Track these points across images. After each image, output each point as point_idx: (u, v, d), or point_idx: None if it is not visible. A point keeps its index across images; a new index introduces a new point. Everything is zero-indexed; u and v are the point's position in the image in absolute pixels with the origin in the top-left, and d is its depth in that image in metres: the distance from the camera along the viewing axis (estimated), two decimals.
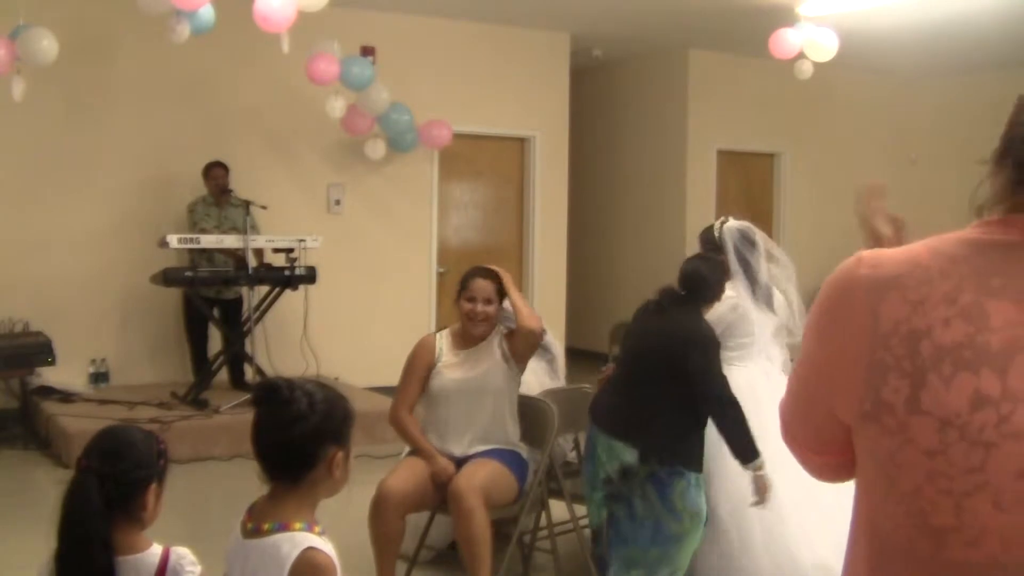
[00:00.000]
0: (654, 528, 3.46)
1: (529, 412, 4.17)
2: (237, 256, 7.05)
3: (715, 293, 3.75)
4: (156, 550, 2.14)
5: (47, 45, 6.23)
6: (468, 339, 4.09)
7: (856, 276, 1.17)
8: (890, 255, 1.18)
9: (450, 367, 4.06)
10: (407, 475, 3.89)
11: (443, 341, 4.12)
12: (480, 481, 3.80)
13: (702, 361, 3.51)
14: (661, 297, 3.70)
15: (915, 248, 1.18)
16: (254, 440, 2.05)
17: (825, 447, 1.27)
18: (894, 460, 1.12)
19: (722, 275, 3.84)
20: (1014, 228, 1.14)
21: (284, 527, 1.98)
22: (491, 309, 4.02)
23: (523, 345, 4.09)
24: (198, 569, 2.15)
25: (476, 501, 3.72)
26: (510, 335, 4.12)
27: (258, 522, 2.01)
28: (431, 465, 3.91)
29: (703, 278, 3.70)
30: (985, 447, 1.07)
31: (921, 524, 1.12)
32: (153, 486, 2.12)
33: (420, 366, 4.08)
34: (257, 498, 2.08)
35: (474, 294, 4.02)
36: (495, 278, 4.07)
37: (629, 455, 3.47)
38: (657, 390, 3.54)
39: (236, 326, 7.27)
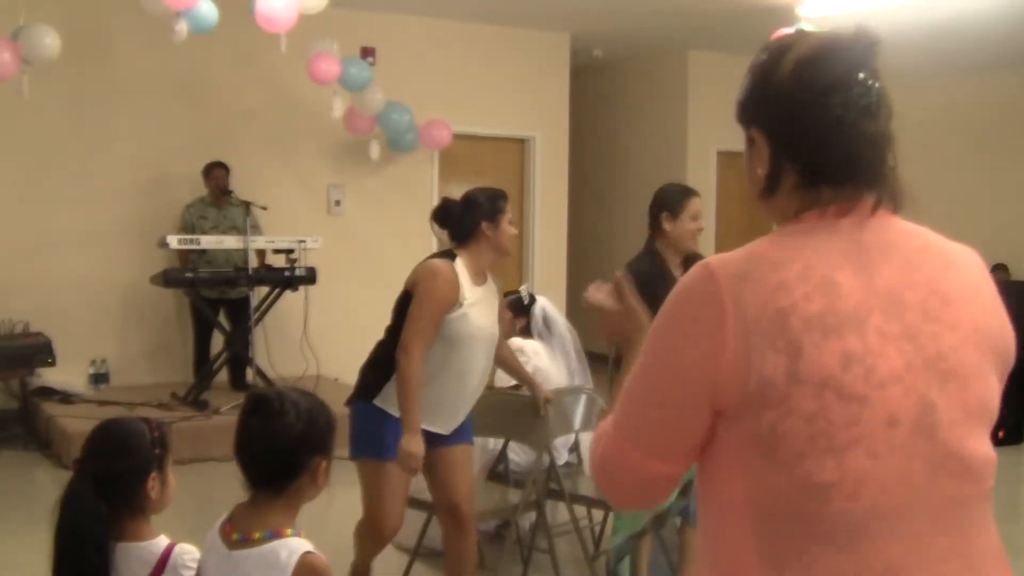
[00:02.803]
0: None
1: (523, 409, 4.15)
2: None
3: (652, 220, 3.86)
4: (162, 541, 2.17)
5: (50, 42, 6.23)
6: (480, 274, 3.53)
7: (713, 277, 1.26)
8: (732, 256, 1.28)
9: (473, 308, 3.42)
10: (400, 503, 3.50)
11: (461, 274, 3.44)
12: (472, 491, 3.67)
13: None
14: None
15: (751, 247, 1.30)
16: (240, 449, 2.06)
17: (677, 453, 1.31)
18: (776, 432, 1.21)
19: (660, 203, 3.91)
20: (824, 217, 1.29)
21: (276, 534, 1.99)
22: None
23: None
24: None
25: (472, 518, 3.59)
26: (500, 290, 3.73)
27: (245, 531, 2.01)
28: (408, 443, 3.25)
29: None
30: (859, 401, 1.19)
31: (805, 485, 1.20)
32: (152, 475, 2.14)
33: (448, 300, 3.37)
34: (232, 509, 2.08)
35: (511, 216, 3.62)
36: None
37: None
38: None
39: (241, 325, 7.26)
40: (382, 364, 3.45)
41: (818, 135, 1.30)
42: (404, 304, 3.43)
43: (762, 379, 1.20)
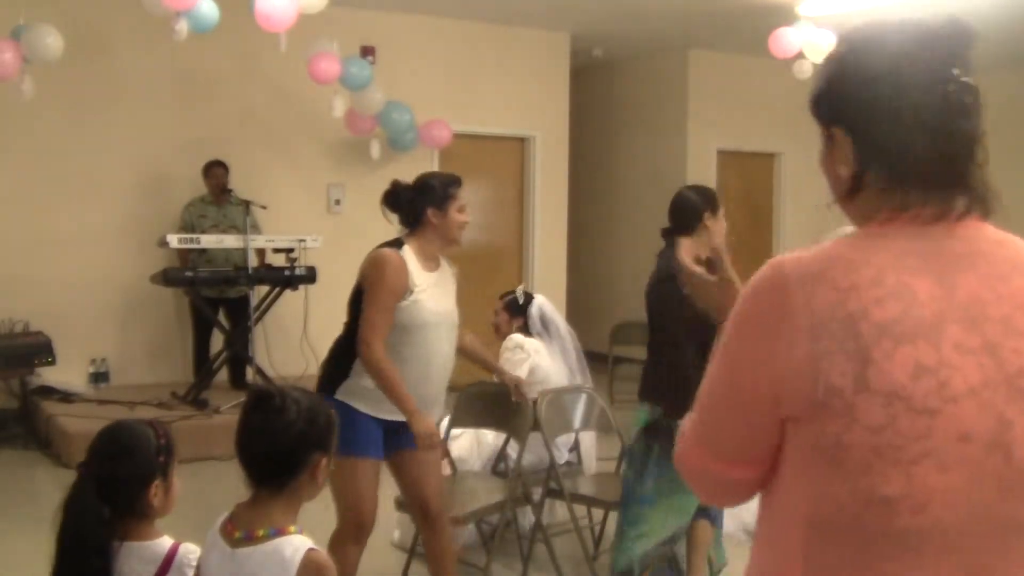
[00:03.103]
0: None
1: (498, 398, 4.17)
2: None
3: (692, 220, 3.72)
4: (166, 541, 2.18)
5: (52, 42, 6.24)
6: (431, 260, 3.48)
7: (784, 276, 1.22)
8: (807, 256, 1.24)
9: (425, 293, 3.39)
10: (375, 496, 3.41)
11: (410, 260, 3.40)
12: (441, 488, 3.64)
13: (653, 301, 3.62)
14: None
15: (825, 247, 1.25)
16: (241, 446, 2.07)
17: (748, 458, 1.29)
18: (841, 442, 1.17)
19: (705, 201, 3.81)
20: (910, 222, 1.23)
21: (280, 532, 2.00)
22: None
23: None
24: None
25: (444, 514, 3.57)
26: (457, 275, 3.67)
27: (248, 529, 2.01)
28: (415, 425, 3.23)
29: (681, 204, 3.79)
30: (930, 414, 1.14)
31: (869, 498, 1.16)
32: (156, 482, 2.15)
33: (398, 288, 3.31)
34: (234, 507, 2.08)
35: (463, 203, 3.50)
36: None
37: (644, 414, 3.64)
38: (655, 341, 3.68)
39: (241, 325, 7.26)
40: (340, 359, 3.45)
41: (908, 136, 1.23)
42: (358, 298, 3.42)
43: (829, 386, 1.16)
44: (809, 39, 7.63)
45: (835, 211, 1.33)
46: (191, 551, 2.17)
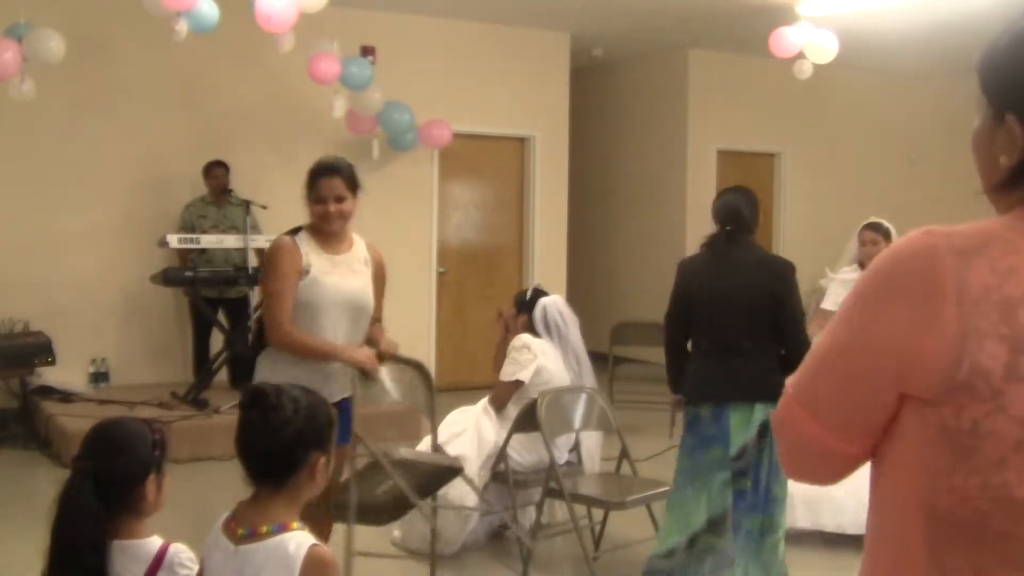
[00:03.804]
0: (766, 492, 3.59)
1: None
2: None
3: (754, 221, 3.79)
4: (156, 540, 2.18)
5: (54, 46, 6.24)
6: (333, 243, 3.56)
7: (935, 244, 1.13)
8: (961, 228, 1.14)
9: (325, 273, 3.48)
10: None
11: (304, 243, 3.50)
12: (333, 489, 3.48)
13: (789, 289, 3.63)
14: (714, 243, 3.75)
15: (983, 223, 1.15)
16: (240, 444, 2.07)
17: (855, 431, 1.21)
18: (978, 430, 1.08)
19: (756, 203, 3.88)
20: None
21: (284, 527, 2.00)
22: (347, 206, 3.56)
23: (380, 284, 3.70)
24: (195, 567, 2.17)
25: (331, 521, 3.52)
26: (377, 262, 3.71)
27: (251, 526, 2.01)
28: (351, 358, 3.42)
29: (738, 208, 3.78)
30: None
31: (1001, 496, 1.07)
32: (151, 478, 2.15)
33: (292, 270, 3.42)
34: (236, 505, 2.08)
35: (323, 194, 3.51)
36: (345, 172, 3.62)
37: (761, 413, 3.56)
38: (753, 338, 3.61)
39: (241, 325, 7.26)
40: (255, 346, 3.61)
41: None
42: None
43: (976, 368, 1.08)
44: (809, 39, 7.63)
45: (835, 210, 1.31)
46: (181, 550, 2.17)
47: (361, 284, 3.56)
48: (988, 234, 1.13)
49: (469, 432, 4.65)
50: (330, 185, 3.53)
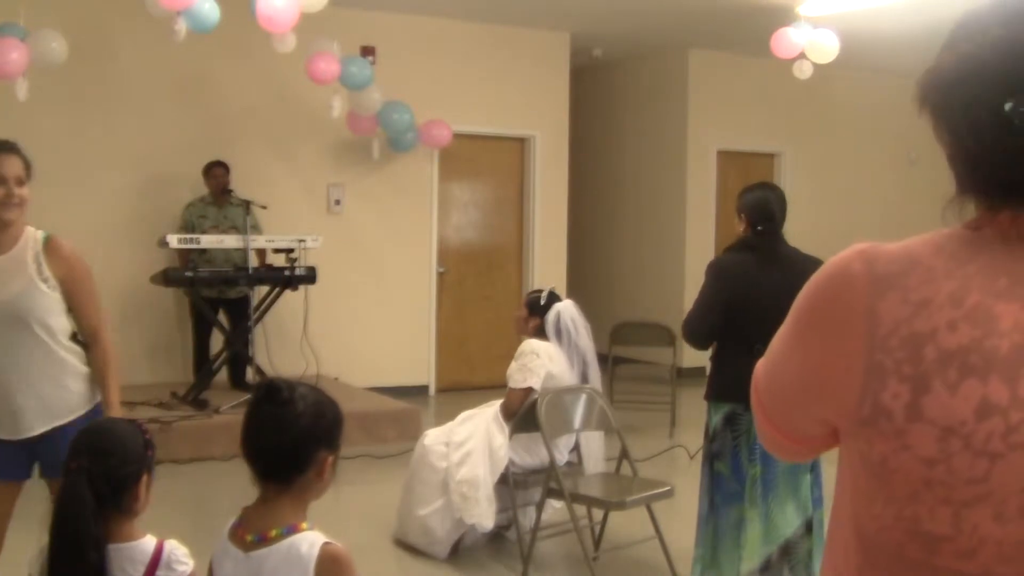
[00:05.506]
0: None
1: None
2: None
3: (783, 218, 3.84)
4: (150, 540, 2.17)
5: (57, 47, 6.24)
6: None
7: (852, 272, 1.08)
8: (888, 250, 1.09)
9: None
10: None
11: None
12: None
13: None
14: (757, 245, 3.77)
15: (913, 244, 1.09)
16: (247, 439, 2.04)
17: (804, 437, 1.21)
18: (887, 465, 1.06)
19: (784, 200, 3.92)
20: (1015, 225, 1.06)
21: (293, 529, 1.98)
22: (26, 192, 3.06)
23: (77, 286, 3.18)
24: (190, 564, 2.17)
25: None
26: (52, 250, 3.13)
27: (259, 531, 1.99)
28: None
29: (770, 205, 3.83)
30: (990, 458, 1.01)
31: (913, 529, 1.06)
32: (144, 478, 2.15)
33: None
34: (241, 511, 2.06)
35: (2, 174, 2.98)
36: (21, 151, 3.07)
37: None
38: None
39: (241, 325, 7.27)
40: None
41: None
42: None
43: (878, 406, 1.05)
44: (809, 39, 7.63)
45: (835, 210, 1.30)
46: (176, 547, 2.16)
47: (15, 292, 3.00)
48: (912, 259, 1.08)
49: (480, 448, 4.51)
50: (10, 163, 2.96)
